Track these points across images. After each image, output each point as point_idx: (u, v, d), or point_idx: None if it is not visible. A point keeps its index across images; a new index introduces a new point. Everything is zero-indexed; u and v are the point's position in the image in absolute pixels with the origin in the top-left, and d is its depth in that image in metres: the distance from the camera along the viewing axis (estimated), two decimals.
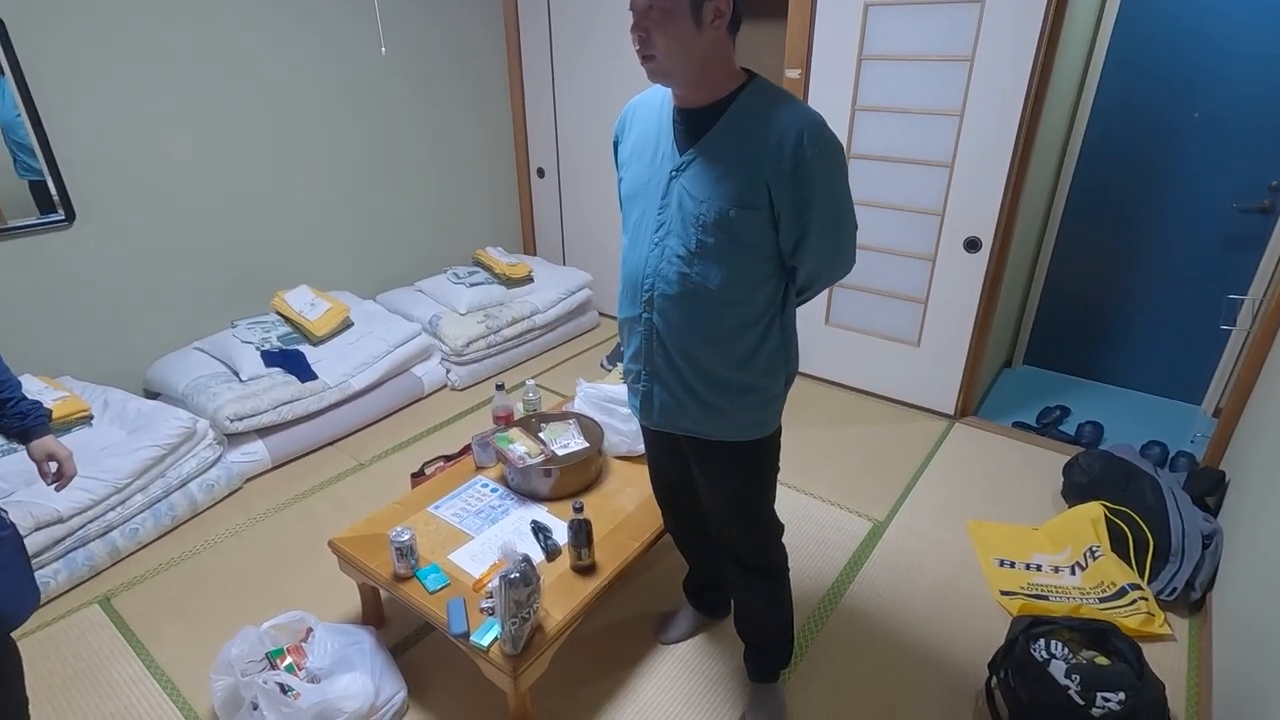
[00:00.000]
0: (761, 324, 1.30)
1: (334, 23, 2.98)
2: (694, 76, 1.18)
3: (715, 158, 1.20)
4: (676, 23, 1.11)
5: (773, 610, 1.61)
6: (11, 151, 2.31)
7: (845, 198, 1.24)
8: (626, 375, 1.48)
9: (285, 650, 1.66)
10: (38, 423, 1.40)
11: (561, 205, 3.97)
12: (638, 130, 1.36)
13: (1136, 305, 3.18)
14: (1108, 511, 2.16)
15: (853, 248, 1.32)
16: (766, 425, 1.40)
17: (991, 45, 2.38)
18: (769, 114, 1.17)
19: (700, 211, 1.21)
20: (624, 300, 1.39)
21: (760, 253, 1.24)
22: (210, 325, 2.88)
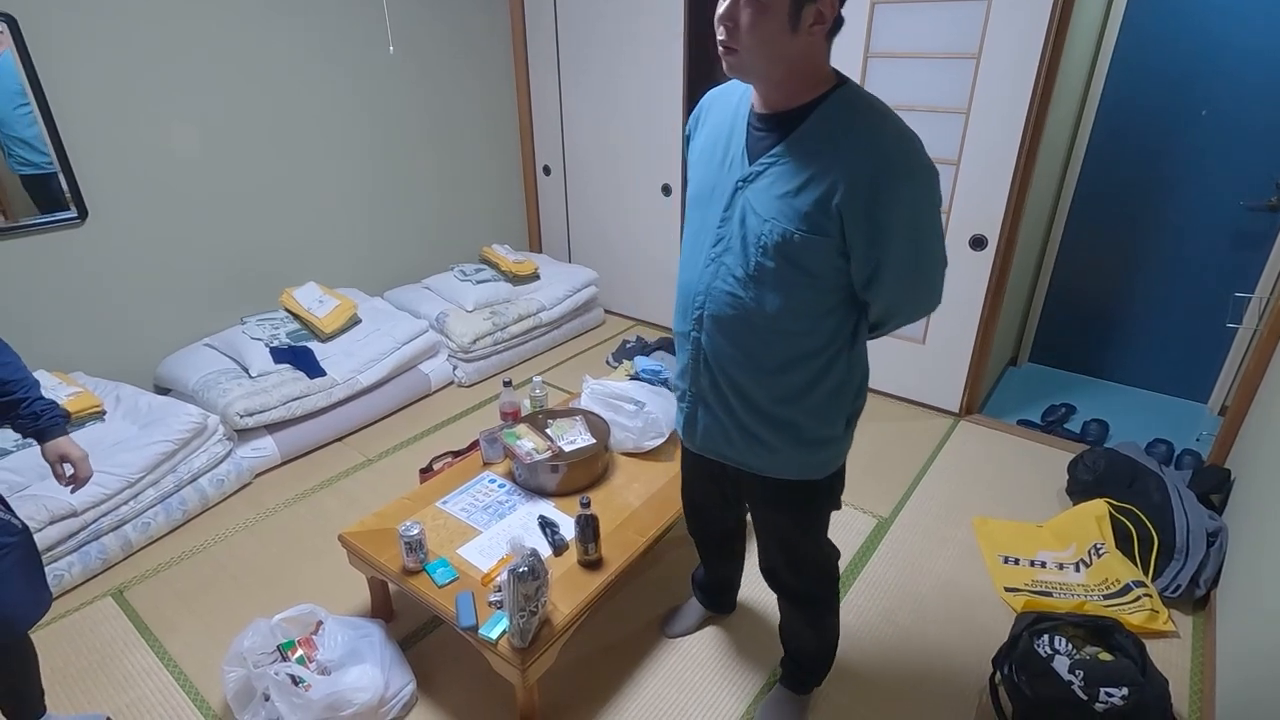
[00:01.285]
0: (821, 358, 1.18)
1: (343, 20, 3.00)
2: (776, 79, 1.06)
3: (786, 172, 1.07)
4: (770, 22, 0.98)
5: (816, 634, 1.57)
6: (5, 145, 2.29)
7: (932, 233, 1.09)
8: (675, 391, 1.41)
9: (296, 642, 1.69)
10: (52, 423, 1.40)
11: (568, 203, 3.98)
12: (710, 127, 1.23)
13: (1142, 303, 3.17)
14: (1112, 509, 2.17)
15: (938, 287, 1.16)
16: (821, 467, 1.29)
17: (998, 43, 2.39)
18: (852, 127, 1.04)
19: (762, 231, 1.09)
20: (677, 312, 1.30)
21: (826, 282, 1.11)
22: (220, 322, 2.90)
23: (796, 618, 1.56)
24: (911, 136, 1.04)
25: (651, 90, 3.34)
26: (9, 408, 1.35)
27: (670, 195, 3.49)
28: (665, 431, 2.12)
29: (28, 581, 1.35)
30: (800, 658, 1.63)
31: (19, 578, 1.33)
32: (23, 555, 1.34)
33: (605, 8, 3.34)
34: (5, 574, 1.29)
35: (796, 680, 1.66)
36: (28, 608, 1.36)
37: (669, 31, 3.17)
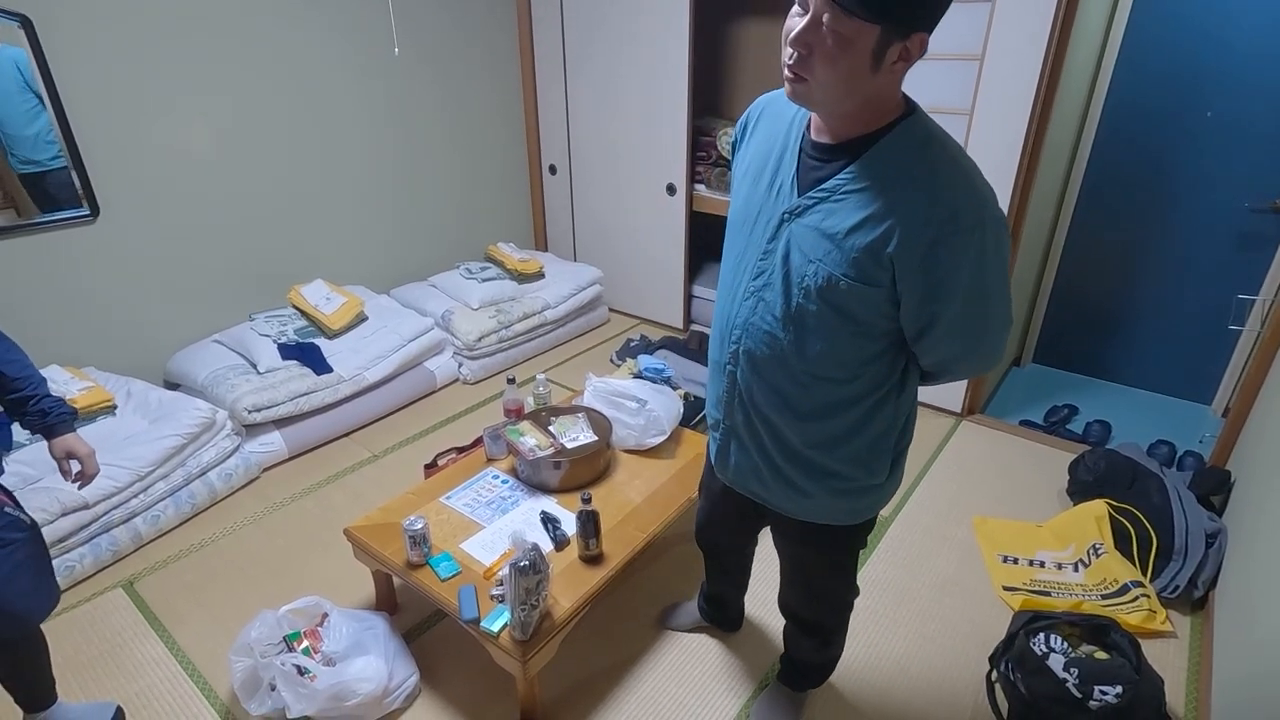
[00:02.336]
0: (863, 406, 1.10)
1: (350, 22, 3.03)
2: (843, 113, 0.95)
3: (838, 210, 0.96)
4: (850, 57, 0.86)
5: (820, 651, 1.57)
6: (7, 145, 2.30)
7: (996, 290, 0.98)
8: (708, 418, 1.34)
9: (302, 634, 1.72)
10: (59, 420, 1.41)
11: (573, 201, 4.00)
12: (759, 141, 1.12)
13: (1146, 304, 3.17)
14: (1112, 510, 2.18)
15: (999, 347, 1.06)
16: (857, 514, 1.23)
17: (1002, 44, 2.39)
18: (916, 168, 0.93)
19: (805, 272, 1.00)
20: (713, 340, 1.23)
21: (872, 330, 1.02)
22: (228, 318, 2.94)
23: (803, 641, 1.55)
24: (982, 182, 0.94)
25: (656, 90, 3.35)
26: (17, 405, 1.37)
27: (675, 195, 3.51)
28: (667, 429, 2.14)
29: (36, 577, 1.37)
30: (802, 664, 1.64)
31: (27, 573, 1.34)
32: (31, 551, 1.35)
33: (611, 8, 3.36)
34: (14, 570, 1.30)
35: (794, 679, 1.67)
36: (36, 603, 1.38)
37: (674, 32, 3.18)
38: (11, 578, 1.30)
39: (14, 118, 2.30)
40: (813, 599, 1.45)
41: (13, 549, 1.30)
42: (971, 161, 0.96)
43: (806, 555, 1.35)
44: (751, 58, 3.73)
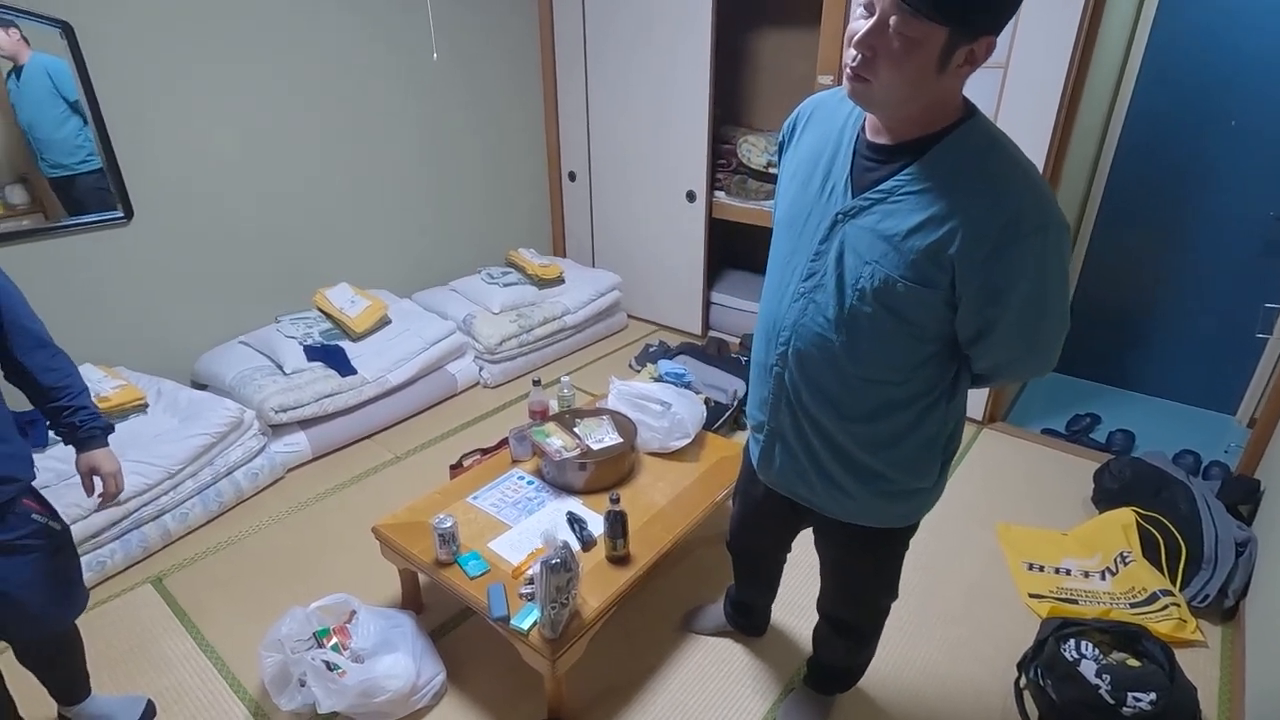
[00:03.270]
0: (914, 409, 1.09)
1: (388, 29, 3.08)
2: (905, 115, 0.95)
3: (896, 211, 0.96)
4: (917, 59, 0.86)
5: (852, 655, 1.57)
6: (37, 149, 2.35)
7: (1057, 292, 0.97)
8: (749, 420, 1.34)
9: (331, 630, 1.73)
10: (88, 435, 1.39)
11: (592, 208, 4.03)
12: (810, 142, 1.12)
13: (1169, 313, 3.16)
14: (1139, 517, 2.16)
15: (1056, 348, 1.05)
16: (904, 517, 1.22)
17: (1026, 53, 2.40)
18: (980, 170, 0.93)
19: (861, 274, 0.99)
20: (758, 342, 1.23)
21: (926, 332, 1.02)
22: (255, 320, 2.98)
23: (838, 643, 1.54)
24: (1045, 185, 0.95)
25: (677, 99, 3.38)
26: (52, 414, 1.37)
27: (695, 202, 3.53)
28: (691, 432, 2.15)
29: (56, 585, 1.35)
30: (831, 668, 1.63)
31: (47, 581, 1.32)
32: (53, 559, 1.33)
33: (633, 19, 3.40)
34: (34, 577, 1.29)
35: (822, 683, 1.67)
36: (57, 610, 1.37)
37: (696, 42, 3.21)
38: (30, 584, 1.28)
39: (44, 123, 2.35)
40: (854, 601, 1.44)
41: (34, 556, 1.29)
42: (1033, 165, 0.97)
43: (850, 558, 1.35)
44: (769, 67, 3.75)
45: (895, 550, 1.32)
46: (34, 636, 1.40)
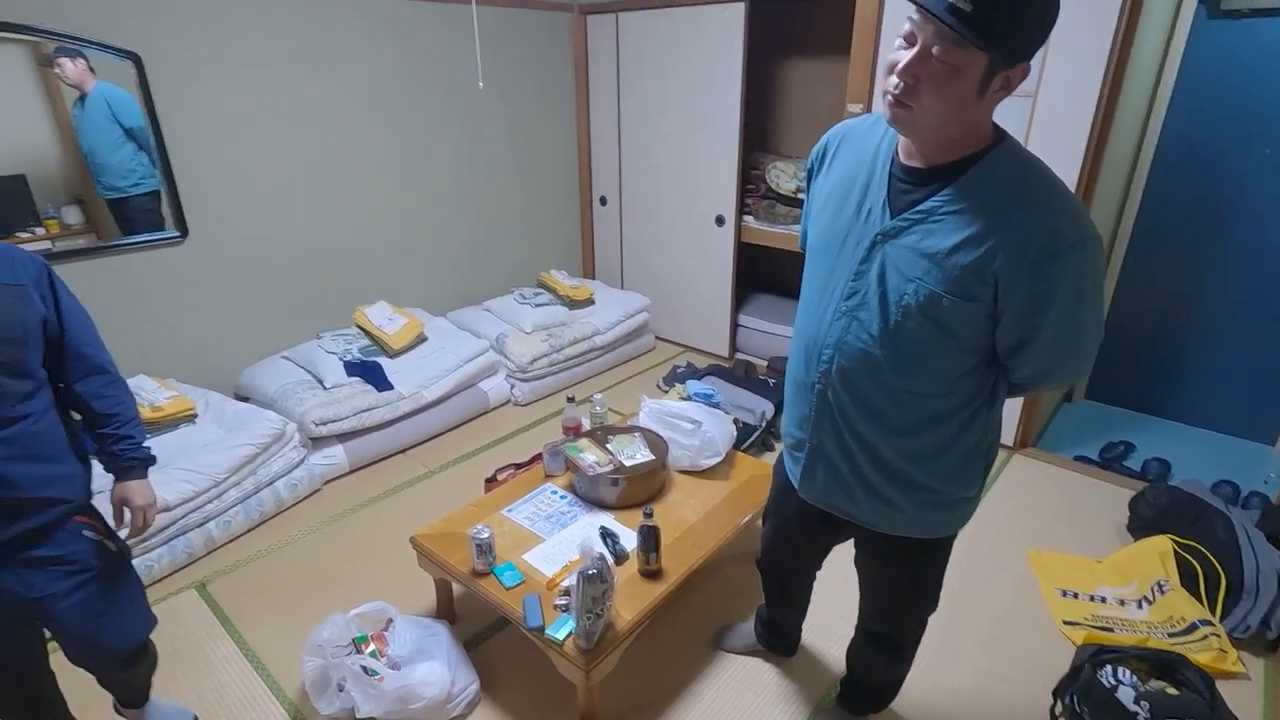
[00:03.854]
0: (957, 420, 1.12)
1: (430, 62, 3.22)
2: (943, 139, 1.00)
3: (937, 230, 1.00)
4: (959, 85, 0.91)
5: (889, 671, 1.57)
6: (95, 172, 2.47)
7: (1094, 303, 1.02)
8: (786, 438, 1.36)
9: (369, 637, 1.77)
10: (126, 465, 1.38)
11: (622, 232, 4.11)
12: (841, 168, 1.16)
13: (1205, 341, 3.12)
14: (1176, 546, 2.13)
15: (1091, 356, 1.09)
16: (948, 527, 1.24)
17: (1056, 82, 2.43)
18: (1019, 190, 0.98)
19: (905, 290, 1.03)
20: (796, 360, 1.25)
21: (967, 344, 1.05)
22: (297, 336, 3.08)
23: (877, 657, 1.54)
24: (1079, 203, 1.00)
25: (708, 125, 3.47)
26: (99, 440, 1.37)
27: (724, 226, 3.59)
28: (721, 451, 2.17)
29: (109, 605, 1.33)
30: (866, 686, 1.63)
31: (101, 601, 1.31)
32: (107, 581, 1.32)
33: (665, 49, 3.50)
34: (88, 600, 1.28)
35: (855, 702, 1.67)
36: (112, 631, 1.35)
37: (728, 71, 3.30)
38: (79, 604, 1.27)
39: (101, 148, 2.48)
40: (897, 614, 1.45)
41: (84, 576, 1.27)
42: (1065, 185, 1.02)
43: (893, 571, 1.36)
44: (798, 95, 3.83)
45: (939, 560, 1.33)
46: (95, 658, 1.38)
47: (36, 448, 1.19)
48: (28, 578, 1.21)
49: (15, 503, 1.17)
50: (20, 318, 1.16)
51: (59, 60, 2.31)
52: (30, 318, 1.18)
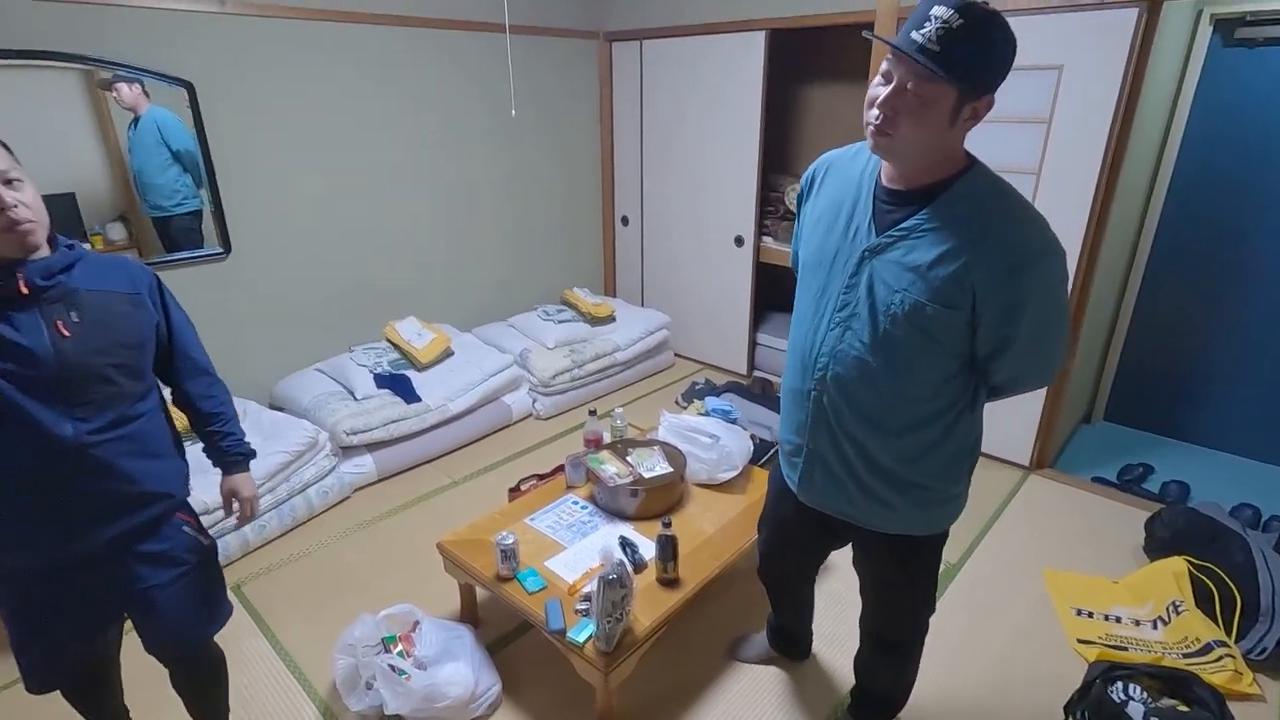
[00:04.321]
0: (943, 421, 1.22)
1: (465, 88, 3.37)
2: (921, 164, 1.11)
3: (918, 246, 1.11)
4: (932, 115, 1.03)
5: (896, 675, 1.62)
6: (141, 192, 2.60)
7: (1061, 308, 1.14)
8: (784, 445, 1.44)
9: (398, 637, 1.85)
10: (233, 460, 1.48)
11: (643, 251, 4.21)
12: (829, 194, 1.27)
13: (1225, 364, 3.12)
14: (1192, 567, 2.14)
15: (1060, 358, 1.20)
16: (939, 523, 1.32)
17: (1070, 108, 2.49)
18: (989, 208, 1.09)
19: (892, 301, 1.13)
20: (792, 370, 1.34)
21: (950, 350, 1.15)
22: (331, 349, 3.21)
23: (880, 661, 1.59)
24: (1044, 220, 1.10)
25: (729, 149, 3.56)
26: (206, 438, 1.47)
27: (743, 246, 3.67)
28: (738, 465, 2.23)
29: (203, 599, 1.41)
30: (874, 694, 1.67)
31: (194, 595, 1.38)
32: (201, 573, 1.40)
33: (687, 73, 3.61)
34: (184, 589, 1.35)
35: (865, 713, 1.70)
36: (200, 625, 1.42)
37: (747, 96, 3.39)
38: (179, 596, 1.34)
39: (150, 168, 2.62)
40: (896, 614, 1.50)
41: (184, 569, 1.35)
42: (1031, 204, 1.13)
43: (890, 570, 1.42)
44: (817, 119, 3.92)
45: (932, 558, 1.40)
46: (177, 647, 1.44)
47: (150, 445, 1.28)
48: (137, 570, 1.29)
49: (135, 496, 1.25)
50: (138, 324, 1.26)
51: (116, 85, 2.46)
52: (145, 324, 1.28)
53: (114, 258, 1.29)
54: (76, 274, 1.18)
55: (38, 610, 1.25)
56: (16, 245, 1.10)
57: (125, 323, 1.23)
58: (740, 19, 3.30)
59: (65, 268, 1.16)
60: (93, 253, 1.25)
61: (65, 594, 1.25)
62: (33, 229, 1.11)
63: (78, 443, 1.15)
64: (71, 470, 1.16)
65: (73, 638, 1.30)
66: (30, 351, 1.10)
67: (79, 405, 1.15)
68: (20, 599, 1.25)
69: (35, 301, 1.12)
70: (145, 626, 1.37)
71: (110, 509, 1.22)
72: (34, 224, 1.11)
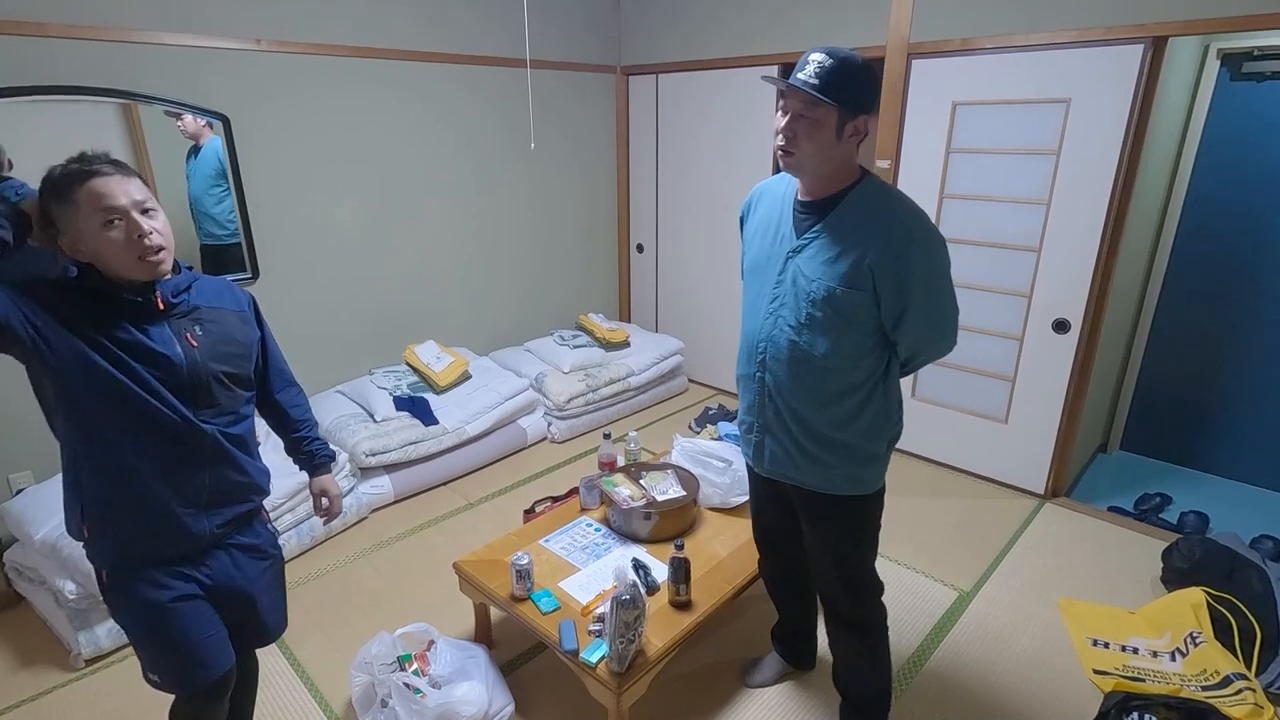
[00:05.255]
0: (863, 390, 1.45)
1: (487, 122, 3.49)
2: (821, 175, 1.39)
3: (827, 242, 1.39)
4: (822, 134, 1.32)
5: (869, 667, 1.70)
6: (197, 220, 2.73)
7: (944, 283, 1.38)
8: (740, 425, 1.66)
9: (413, 656, 1.87)
10: (322, 461, 1.61)
11: (657, 278, 4.28)
12: (762, 212, 1.56)
13: (1243, 393, 3.10)
14: (1210, 598, 2.12)
15: (952, 330, 1.45)
16: (868, 484, 1.53)
17: (1078, 140, 2.53)
18: (877, 207, 1.37)
19: (811, 289, 1.39)
20: (741, 359, 1.59)
21: (863, 327, 1.39)
22: (351, 372, 3.28)
23: (854, 651, 1.70)
24: (922, 213, 1.37)
25: (740, 178, 3.63)
26: (294, 444, 1.59)
27: None
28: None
29: (282, 589, 1.53)
30: (860, 700, 1.73)
31: (281, 585, 1.52)
32: (280, 566, 1.52)
33: (701, 107, 3.71)
34: (273, 581, 1.47)
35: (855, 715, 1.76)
36: (285, 614, 1.54)
37: (759, 126, 3.48)
38: (269, 588, 1.46)
39: (206, 199, 2.74)
40: (843, 576, 1.62)
41: (271, 561, 1.47)
42: (911, 200, 1.40)
43: (833, 532, 1.59)
44: None
45: (861, 517, 1.57)
46: (264, 639, 1.51)
47: (249, 443, 1.41)
48: (238, 559, 1.38)
49: (244, 486, 1.37)
50: (247, 338, 1.39)
51: (183, 116, 2.59)
52: (252, 338, 1.41)
53: (219, 279, 1.41)
54: (195, 292, 1.30)
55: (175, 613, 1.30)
56: (150, 269, 1.19)
57: (237, 336, 1.36)
58: (753, 54, 3.40)
59: (186, 287, 1.28)
60: (203, 274, 1.36)
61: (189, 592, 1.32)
62: (165, 256, 1.21)
63: (212, 435, 1.28)
64: (205, 461, 1.29)
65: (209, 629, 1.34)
66: (169, 359, 1.22)
67: (205, 408, 1.28)
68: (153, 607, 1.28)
69: (166, 316, 1.24)
70: (245, 616, 1.43)
71: (225, 497, 1.34)
72: (166, 250, 1.21)
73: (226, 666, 1.37)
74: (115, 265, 1.17)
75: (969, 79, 2.74)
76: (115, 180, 1.16)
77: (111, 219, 1.15)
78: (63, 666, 2.07)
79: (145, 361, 1.20)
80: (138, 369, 1.19)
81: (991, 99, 2.70)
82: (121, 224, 1.16)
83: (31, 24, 2.22)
